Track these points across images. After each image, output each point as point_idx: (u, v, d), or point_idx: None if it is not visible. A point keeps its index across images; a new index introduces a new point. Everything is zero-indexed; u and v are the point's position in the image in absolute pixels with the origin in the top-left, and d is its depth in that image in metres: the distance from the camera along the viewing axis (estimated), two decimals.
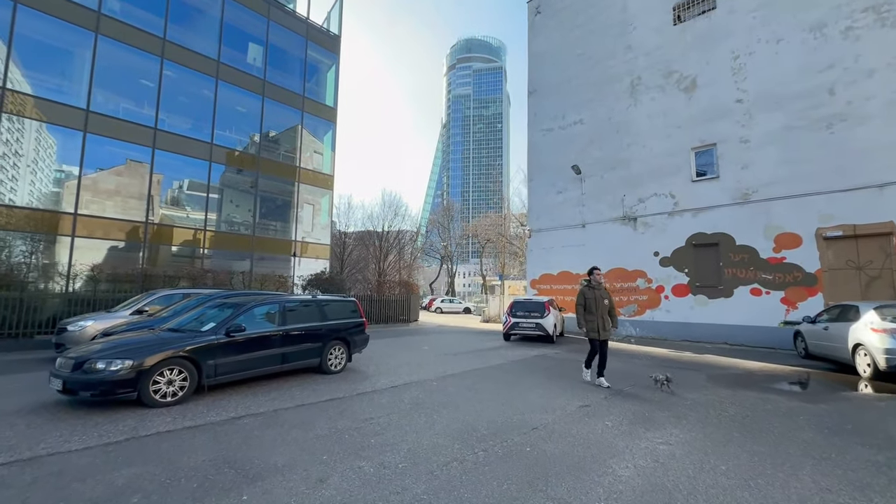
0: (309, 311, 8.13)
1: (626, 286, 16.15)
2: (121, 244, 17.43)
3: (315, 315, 8.15)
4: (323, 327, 8.12)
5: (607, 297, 7.42)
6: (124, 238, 17.44)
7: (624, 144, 16.76)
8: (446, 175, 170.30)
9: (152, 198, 18.31)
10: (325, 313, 8.32)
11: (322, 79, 26.08)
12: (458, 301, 41.20)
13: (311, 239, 24.36)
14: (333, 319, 8.46)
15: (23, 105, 15.33)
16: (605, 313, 7.26)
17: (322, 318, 8.21)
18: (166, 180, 19.41)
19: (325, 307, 8.41)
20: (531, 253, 19.69)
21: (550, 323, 13.64)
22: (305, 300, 8.35)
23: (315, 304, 8.30)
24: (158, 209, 18.98)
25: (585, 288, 7.46)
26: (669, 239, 15.16)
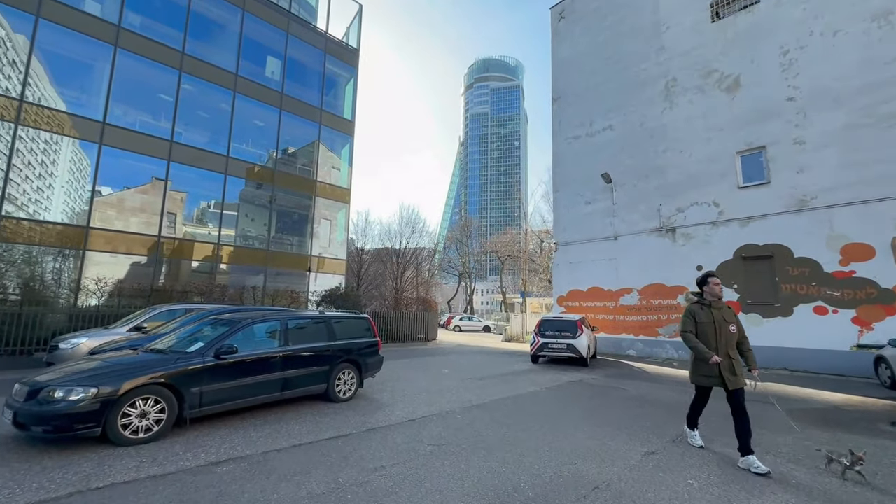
0: (315, 330, 7.14)
1: (666, 304, 14.71)
2: (141, 259, 16.96)
3: (322, 334, 7.15)
4: (331, 348, 7.10)
5: (734, 319, 4.73)
6: (144, 253, 16.98)
7: (659, 150, 15.56)
8: (464, 192, 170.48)
9: (170, 213, 17.93)
10: (333, 332, 7.31)
11: (340, 92, 25.80)
12: (478, 319, 39.80)
13: (327, 254, 23.63)
14: (343, 339, 7.44)
15: (39, 117, 15.21)
16: (732, 346, 4.59)
17: (330, 338, 7.20)
18: (182, 193, 19.07)
19: (334, 325, 7.41)
20: (557, 267, 18.43)
21: (584, 344, 12.32)
22: (312, 317, 7.37)
23: (323, 322, 7.30)
24: (181, 226, 18.62)
25: (696, 307, 4.84)
26: (714, 251, 13.75)
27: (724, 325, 4.62)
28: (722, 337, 4.58)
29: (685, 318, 4.85)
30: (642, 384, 9.52)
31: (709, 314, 4.70)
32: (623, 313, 15.82)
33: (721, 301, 4.83)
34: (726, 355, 4.52)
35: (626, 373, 11.37)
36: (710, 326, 4.62)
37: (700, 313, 4.75)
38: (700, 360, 4.65)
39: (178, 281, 17.06)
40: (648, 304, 15.14)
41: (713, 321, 4.64)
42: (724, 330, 4.60)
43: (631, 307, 15.61)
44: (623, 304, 15.85)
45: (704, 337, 4.62)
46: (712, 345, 4.57)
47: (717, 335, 4.58)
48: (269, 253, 20.87)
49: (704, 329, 4.64)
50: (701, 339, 4.63)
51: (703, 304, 4.83)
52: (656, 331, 14.87)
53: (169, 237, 17.72)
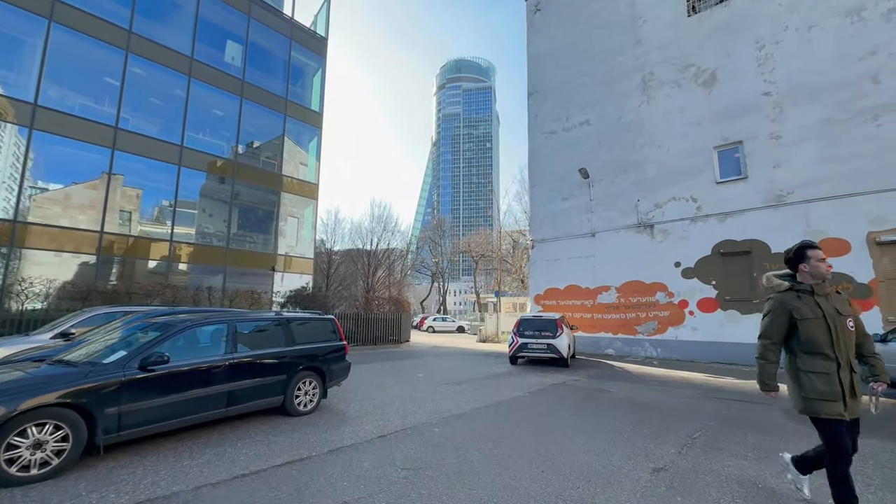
0: (270, 334, 6.20)
1: (645, 301, 14.44)
2: (89, 259, 15.26)
3: (279, 338, 6.21)
4: (289, 354, 6.18)
5: (851, 311, 3.06)
6: (92, 252, 15.28)
7: (637, 145, 15.31)
8: (437, 193, 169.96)
9: (123, 210, 16.34)
10: (292, 335, 6.38)
11: (307, 83, 24.52)
12: (451, 319, 39.16)
13: (294, 253, 22.33)
14: (304, 343, 6.52)
15: None
16: (852, 352, 2.98)
17: (289, 342, 6.27)
18: (133, 187, 17.45)
19: (293, 328, 6.47)
20: (534, 266, 17.95)
21: (564, 344, 11.80)
22: (266, 318, 6.42)
23: (279, 324, 6.36)
24: (137, 224, 17.01)
25: (790, 296, 3.09)
26: (692, 248, 13.56)
27: (839, 319, 2.92)
28: (841, 339, 2.89)
29: (772, 318, 3.11)
30: (627, 385, 9.03)
31: (813, 305, 2.96)
32: (601, 311, 15.47)
33: (828, 284, 3.09)
34: (847, 366, 2.90)
35: (608, 373, 10.90)
36: (818, 324, 2.91)
37: (800, 306, 2.99)
38: (811, 373, 2.91)
39: (129, 281, 15.48)
40: (627, 301, 14.84)
41: (822, 315, 2.92)
42: (841, 327, 2.91)
43: (609, 305, 15.28)
44: (601, 303, 15.50)
45: (813, 342, 2.91)
46: (828, 353, 2.88)
47: (834, 337, 2.88)
48: (230, 251, 19.44)
49: (811, 329, 2.92)
50: (807, 346, 2.94)
51: (801, 290, 3.05)
52: (635, 329, 14.58)
53: (115, 234, 16.09)
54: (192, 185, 18.89)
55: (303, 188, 22.91)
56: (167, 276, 17.06)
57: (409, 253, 51.39)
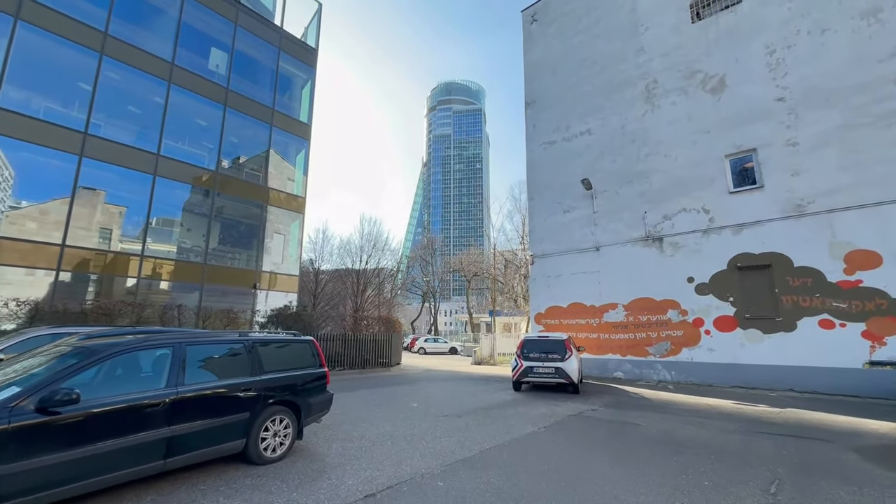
0: (232, 360, 4.98)
1: (656, 320, 13.40)
2: (46, 275, 13.80)
3: (242, 365, 4.99)
4: (255, 385, 4.95)
5: None
6: (49, 267, 13.83)
7: (641, 155, 14.56)
8: (427, 212, 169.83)
9: (104, 228, 15.02)
10: (260, 362, 5.15)
11: (296, 93, 23.69)
12: (444, 340, 37.69)
13: (278, 269, 21.01)
14: (276, 371, 5.30)
15: None
16: None
17: (255, 370, 5.05)
18: (116, 205, 16.26)
19: (261, 352, 5.26)
20: (535, 282, 16.89)
21: (574, 367, 10.64)
22: (227, 340, 5.18)
23: (243, 348, 5.13)
24: (118, 242, 15.69)
25: None
26: (706, 261, 12.65)
27: None
28: None
29: None
30: (654, 417, 7.87)
31: None
32: (608, 331, 14.38)
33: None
34: None
35: (626, 401, 9.73)
36: None
37: None
38: None
39: (94, 299, 14.01)
40: (636, 320, 13.80)
41: None
42: None
43: (616, 324, 14.21)
44: (608, 321, 14.43)
45: None
46: None
47: None
48: (208, 267, 18.06)
49: None
50: None
51: None
52: (645, 350, 13.49)
53: (78, 247, 14.68)
54: (169, 197, 17.61)
55: (289, 202, 21.76)
56: (137, 295, 15.60)
57: (400, 272, 50.08)
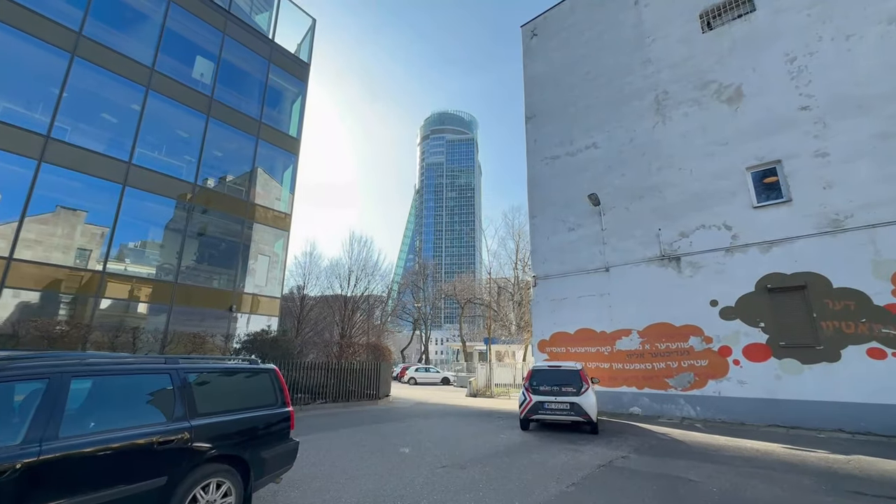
0: (146, 397, 3.49)
1: (676, 347, 12.02)
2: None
3: (163, 405, 3.51)
4: (178, 434, 3.45)
5: None
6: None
7: (653, 168, 13.58)
8: (419, 239, 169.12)
9: (83, 249, 13.50)
10: (192, 399, 3.67)
11: (285, 107, 22.73)
12: (436, 370, 35.66)
13: (259, 291, 19.39)
14: (216, 413, 3.81)
15: None
16: None
17: (181, 412, 3.56)
18: (98, 225, 14.84)
19: (197, 386, 3.77)
20: (537, 306, 15.49)
21: (591, 403, 9.17)
22: (141, 368, 3.67)
23: (170, 380, 3.64)
24: (96, 262, 14.11)
25: None
26: (731, 283, 11.43)
27: None
28: None
29: None
30: (706, 468, 6.38)
31: None
32: (621, 360, 12.94)
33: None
34: None
35: (657, 445, 8.22)
36: None
37: None
38: None
39: (34, 318, 12.28)
40: (653, 348, 12.41)
41: None
42: None
43: (631, 353, 12.80)
44: (621, 349, 13.01)
45: None
46: None
47: None
48: (179, 287, 16.41)
49: None
50: None
51: None
52: (665, 382, 12.04)
53: (26, 261, 13.03)
54: (140, 210, 16.13)
55: (274, 219, 20.37)
56: (94, 316, 13.86)
57: (391, 298, 48.30)
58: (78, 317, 12.97)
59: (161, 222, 16.94)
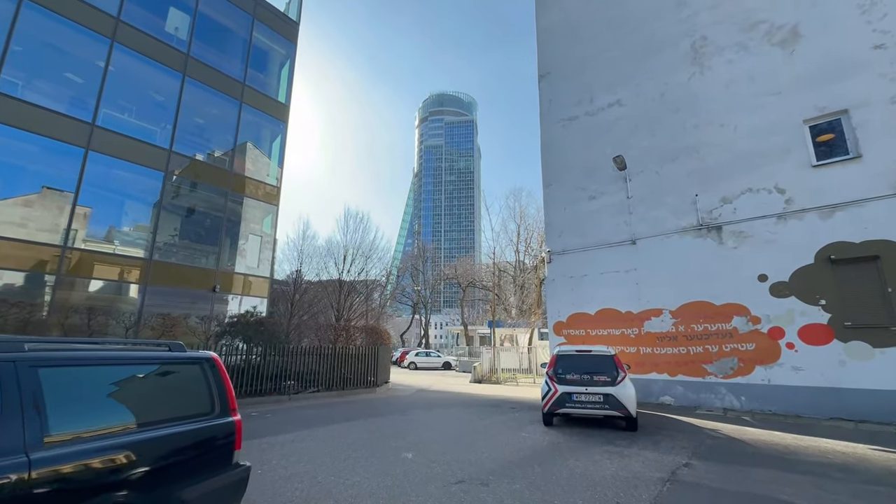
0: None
1: (716, 329, 10.50)
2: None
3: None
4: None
5: None
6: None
7: (688, 126, 11.86)
8: (418, 223, 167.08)
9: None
10: (38, 414, 2.05)
11: (272, 70, 20.77)
12: (437, 354, 34.41)
13: (245, 270, 17.80)
14: (93, 437, 2.20)
15: None
16: None
17: (18, 437, 1.94)
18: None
19: (52, 389, 2.16)
20: (552, 285, 13.94)
21: (630, 394, 7.67)
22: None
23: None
24: (34, 230, 12.44)
25: None
26: (784, 254, 9.84)
27: None
28: None
29: None
30: (795, 480, 4.89)
31: None
32: (651, 344, 11.45)
33: None
34: None
35: (714, 446, 6.74)
36: None
37: None
38: None
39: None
40: (688, 330, 10.89)
41: None
42: None
43: (662, 335, 11.29)
44: (650, 332, 11.51)
45: None
46: None
47: None
48: (154, 265, 14.79)
49: None
50: None
51: None
52: (702, 368, 10.56)
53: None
54: (106, 178, 14.39)
55: (261, 192, 18.64)
56: (55, 294, 12.26)
57: (389, 281, 46.78)
58: (30, 296, 11.36)
59: (133, 193, 15.22)
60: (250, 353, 12.57)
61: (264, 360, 12.48)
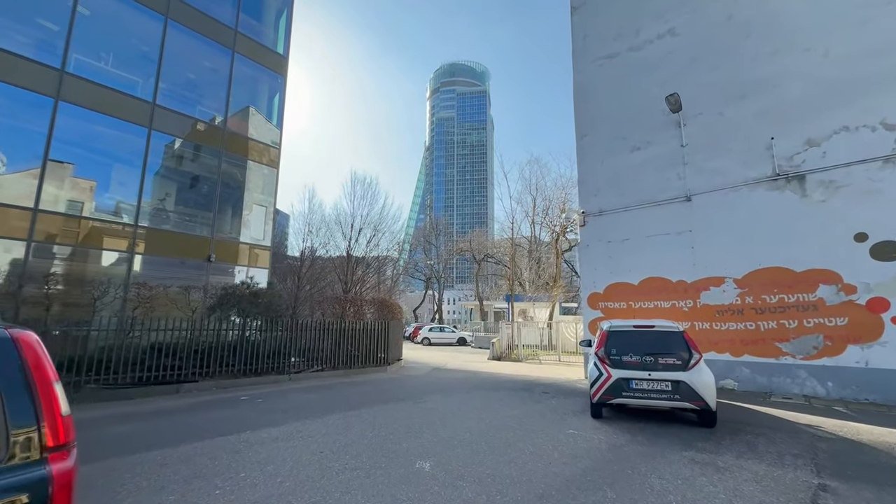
0: None
1: (795, 301, 8.65)
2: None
3: None
4: None
5: None
6: None
7: (763, 54, 9.67)
8: (430, 198, 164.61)
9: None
10: None
11: (268, 19, 18.71)
12: (451, 329, 33.12)
13: (243, 238, 16.34)
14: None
15: None
16: None
17: None
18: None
19: None
20: (587, 251, 12.13)
21: (708, 382, 5.97)
22: None
23: None
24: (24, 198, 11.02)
25: None
26: (890, 206, 7.85)
27: None
28: None
29: None
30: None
31: None
32: (709, 318, 9.66)
33: None
34: None
35: (835, 452, 5.06)
36: None
37: None
38: None
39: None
40: (758, 302, 9.06)
41: None
42: None
43: (724, 308, 9.48)
44: (708, 304, 9.70)
45: None
46: None
47: None
48: (142, 231, 13.39)
49: None
50: None
51: None
52: (776, 347, 8.78)
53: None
54: (81, 133, 12.83)
55: (258, 152, 16.94)
56: (25, 265, 10.92)
57: (402, 255, 45.30)
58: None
59: (112, 152, 13.65)
60: (246, 328, 11.19)
61: (261, 336, 11.11)
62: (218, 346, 9.91)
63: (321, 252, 27.80)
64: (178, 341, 9.33)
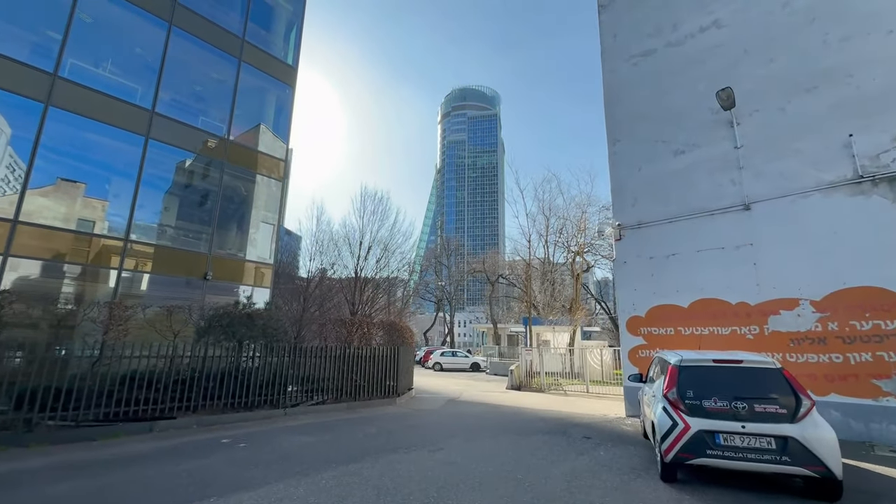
0: None
1: (892, 328, 7.07)
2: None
3: None
4: None
5: None
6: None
7: (833, 40, 8.41)
8: (441, 220, 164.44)
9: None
10: None
11: (277, 29, 18.13)
12: (464, 354, 31.38)
13: (245, 255, 15.23)
14: None
15: None
16: None
17: None
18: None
19: None
20: (623, 268, 10.68)
21: (827, 439, 4.42)
22: None
23: None
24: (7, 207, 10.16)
25: None
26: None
27: None
28: None
29: None
30: None
31: None
32: (780, 348, 8.08)
33: None
34: None
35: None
36: None
37: None
38: None
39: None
40: (844, 329, 7.49)
41: None
42: None
43: (800, 336, 7.91)
44: (779, 331, 8.14)
45: None
46: None
47: None
48: (139, 247, 12.36)
49: None
50: None
51: None
52: (872, 385, 7.16)
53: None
54: (73, 142, 11.98)
55: (263, 165, 15.99)
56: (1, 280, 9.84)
57: (412, 275, 43.94)
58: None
59: (105, 161, 12.76)
60: (240, 354, 9.88)
61: (256, 364, 9.80)
62: (203, 374, 8.60)
63: (329, 272, 26.59)
64: (157, 369, 8.06)
